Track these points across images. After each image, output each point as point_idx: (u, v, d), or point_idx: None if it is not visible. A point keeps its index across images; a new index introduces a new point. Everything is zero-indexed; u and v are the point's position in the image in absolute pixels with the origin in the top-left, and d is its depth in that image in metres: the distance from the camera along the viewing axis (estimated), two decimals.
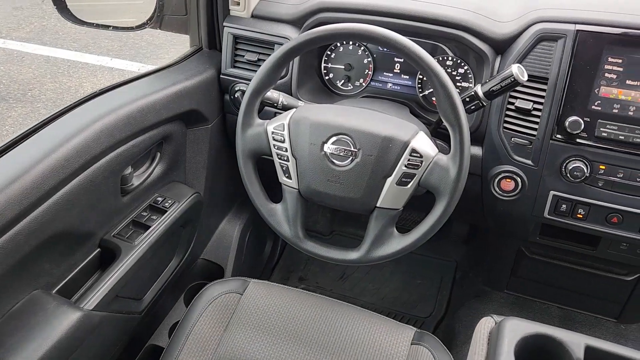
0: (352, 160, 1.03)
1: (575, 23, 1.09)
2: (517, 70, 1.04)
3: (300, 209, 1.12)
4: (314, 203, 1.11)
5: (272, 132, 1.09)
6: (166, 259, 1.39)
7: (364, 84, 1.39)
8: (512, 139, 1.19)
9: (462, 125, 0.97)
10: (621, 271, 1.41)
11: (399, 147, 1.01)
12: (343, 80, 1.40)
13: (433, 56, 1.27)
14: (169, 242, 1.33)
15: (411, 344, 1.15)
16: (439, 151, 1.04)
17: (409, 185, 1.03)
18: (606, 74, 1.08)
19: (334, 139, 1.04)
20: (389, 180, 1.03)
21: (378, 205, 1.05)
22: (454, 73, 1.29)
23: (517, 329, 0.95)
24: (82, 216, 1.06)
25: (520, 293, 1.62)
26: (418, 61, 0.97)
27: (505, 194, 1.23)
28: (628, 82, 1.07)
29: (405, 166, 1.01)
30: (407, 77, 1.35)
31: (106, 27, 1.42)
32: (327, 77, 1.41)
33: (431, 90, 1.31)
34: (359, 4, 1.24)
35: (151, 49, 4.42)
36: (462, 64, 1.28)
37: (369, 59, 1.36)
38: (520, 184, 1.20)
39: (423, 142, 1.03)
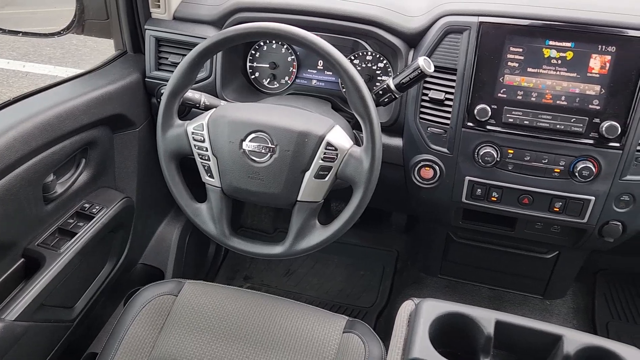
0: (270, 156, 1.06)
1: (478, 15, 1.14)
2: (424, 63, 1.08)
3: (224, 207, 1.13)
4: (238, 200, 1.13)
5: (192, 133, 1.10)
6: (98, 265, 1.38)
7: (289, 81, 1.41)
8: (429, 129, 1.24)
9: (371, 118, 1.01)
10: (541, 250, 1.49)
11: (315, 141, 1.04)
12: (269, 79, 1.43)
13: (354, 52, 1.32)
14: (99, 248, 1.32)
15: (343, 332, 1.19)
16: (355, 143, 1.07)
17: (326, 178, 1.06)
18: (509, 63, 1.14)
19: (251, 136, 1.06)
20: (308, 174, 1.06)
21: (299, 199, 1.08)
22: (374, 67, 1.33)
23: (432, 309, 1.00)
24: (1, 226, 1.05)
25: (453, 277, 1.68)
26: (326, 57, 1.00)
27: (426, 182, 1.28)
28: (529, 69, 1.14)
29: (322, 159, 1.05)
30: (330, 73, 1.39)
31: (29, 34, 1.41)
32: (253, 76, 1.43)
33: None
34: (275, 3, 1.27)
35: (95, 54, 4.33)
36: (382, 59, 1.32)
37: (293, 57, 1.39)
38: (438, 171, 1.25)
39: (338, 136, 1.06)
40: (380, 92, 1.15)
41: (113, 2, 1.39)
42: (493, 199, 1.25)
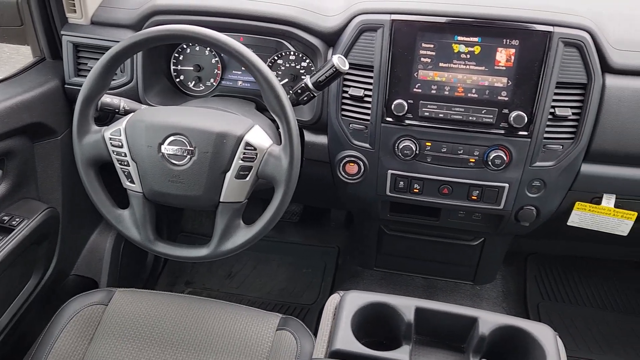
0: (190, 159, 1.06)
1: (391, 13, 1.18)
2: (338, 61, 1.11)
3: (147, 212, 1.13)
4: (161, 204, 1.12)
5: (110, 138, 1.09)
6: (21, 279, 1.34)
7: (214, 83, 1.41)
8: (351, 125, 1.27)
9: (288, 116, 1.02)
10: (467, 237, 1.55)
11: (233, 141, 1.05)
12: (194, 81, 1.42)
13: (277, 52, 1.33)
14: (22, 260, 1.28)
15: (276, 330, 1.20)
16: (274, 142, 1.09)
17: (247, 178, 1.07)
18: (421, 59, 1.18)
19: (170, 139, 1.06)
20: (228, 174, 1.06)
21: (221, 200, 1.08)
22: (298, 67, 1.35)
23: (354, 301, 1.03)
24: None
25: (388, 269, 1.72)
26: (239, 57, 1.01)
27: (351, 177, 1.31)
28: (440, 64, 1.18)
29: (242, 160, 1.05)
30: None
31: None
32: (177, 79, 1.42)
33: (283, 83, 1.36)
34: (193, 5, 1.26)
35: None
36: (304, 58, 1.34)
37: (217, 59, 1.39)
38: (362, 166, 1.29)
39: (257, 135, 1.07)
40: (299, 91, 1.17)
41: (26, 7, 1.35)
42: (415, 190, 1.29)
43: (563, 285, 1.99)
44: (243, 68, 1.37)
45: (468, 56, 1.17)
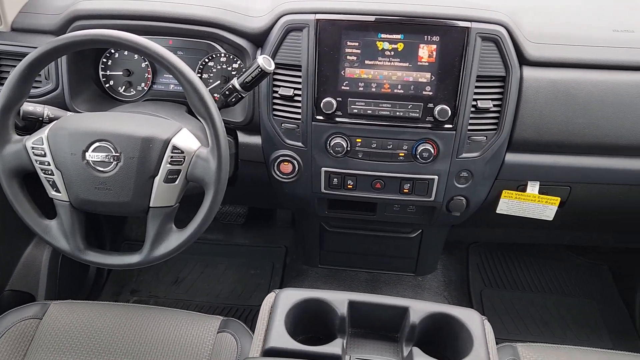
0: (116, 165, 1.04)
1: (315, 13, 1.20)
2: (263, 61, 1.12)
3: (75, 221, 1.10)
4: (89, 213, 1.10)
5: (32, 148, 1.06)
6: None
7: (145, 87, 1.39)
8: (283, 125, 1.28)
9: (213, 117, 1.02)
10: (406, 230, 1.58)
11: (160, 145, 1.04)
12: (124, 86, 1.40)
13: (208, 54, 1.33)
14: None
15: (217, 333, 1.20)
16: (203, 145, 1.08)
17: (177, 182, 1.06)
18: (347, 57, 1.21)
19: (94, 146, 1.04)
20: (157, 179, 1.05)
21: (151, 205, 1.07)
22: (229, 68, 1.35)
23: (288, 298, 1.04)
24: None
25: (332, 265, 1.75)
26: (161, 60, 1.00)
27: (286, 176, 1.32)
28: (366, 62, 1.21)
29: (170, 163, 1.05)
30: None
31: None
32: (107, 85, 1.40)
33: (209, 88, 1.35)
34: (115, 9, 1.25)
35: None
36: (235, 60, 1.34)
37: (147, 63, 1.37)
38: (296, 165, 1.30)
39: (184, 138, 1.07)
40: (227, 92, 1.17)
41: None
42: (349, 186, 1.31)
43: (504, 272, 2.06)
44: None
45: (392, 53, 1.20)
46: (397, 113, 1.22)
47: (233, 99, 1.18)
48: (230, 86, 1.16)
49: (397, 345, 1.03)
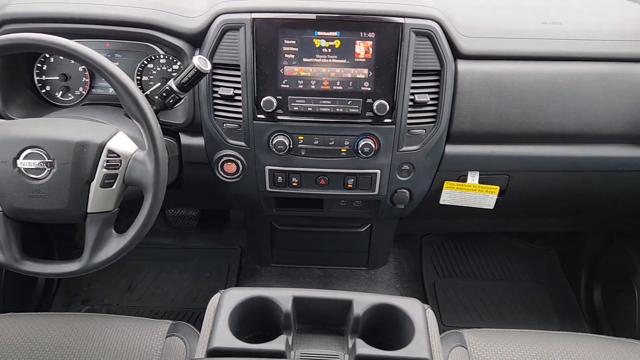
0: (49, 172, 1.02)
1: (251, 12, 1.20)
2: (198, 62, 1.11)
3: (10, 231, 1.07)
4: (24, 221, 1.07)
5: None
6: None
7: (83, 92, 1.37)
8: (225, 125, 1.27)
9: (148, 119, 1.01)
10: (355, 225, 1.60)
11: (95, 150, 1.02)
12: (62, 91, 1.36)
13: (147, 56, 1.31)
14: None
15: (166, 337, 1.18)
16: (141, 148, 1.07)
17: (114, 186, 1.04)
18: (286, 55, 1.21)
19: (25, 153, 1.01)
20: (93, 184, 1.03)
21: (89, 211, 1.05)
22: (169, 70, 1.34)
23: (232, 298, 1.04)
24: None
25: (285, 263, 1.75)
26: (91, 63, 0.99)
27: (231, 176, 1.31)
28: (304, 60, 1.21)
29: (105, 168, 1.03)
30: None
31: None
32: (43, 90, 1.36)
33: (150, 90, 1.34)
34: (46, 12, 1.21)
35: None
36: (175, 61, 1.33)
37: (84, 67, 1.34)
38: (240, 165, 1.30)
39: (120, 142, 1.05)
40: (164, 94, 1.16)
41: None
42: (294, 184, 1.32)
43: (456, 261, 2.12)
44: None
45: (329, 50, 1.21)
46: (337, 109, 1.24)
47: (171, 101, 1.17)
48: (167, 88, 1.15)
49: (343, 338, 1.04)
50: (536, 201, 1.47)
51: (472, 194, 1.37)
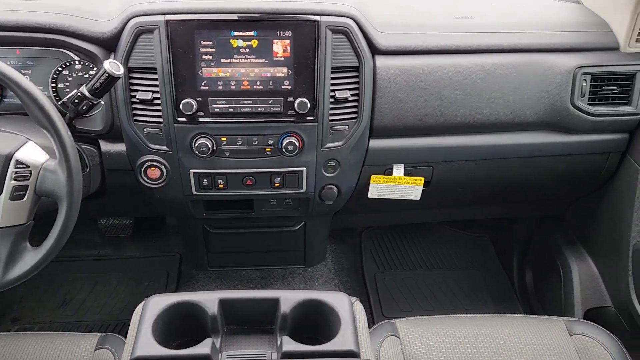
0: None
1: (165, 14, 1.18)
2: (110, 66, 1.09)
3: None
4: None
5: None
6: None
7: None
8: (145, 129, 1.25)
9: (56, 127, 0.98)
10: (289, 223, 1.60)
11: (1, 161, 0.98)
12: None
13: (62, 62, 1.26)
14: None
15: (94, 350, 1.15)
16: (51, 157, 1.03)
17: (25, 198, 1.01)
18: (203, 56, 1.20)
19: None
20: (1, 197, 0.99)
21: None
22: (87, 76, 1.29)
23: (157, 305, 1.02)
24: None
25: (222, 267, 1.74)
26: None
27: (155, 182, 1.29)
28: (222, 60, 1.21)
29: (14, 179, 0.99)
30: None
31: None
32: None
33: (66, 97, 1.29)
34: None
35: None
36: (91, 66, 1.29)
37: None
38: (164, 169, 1.28)
39: (29, 152, 1.01)
40: (76, 101, 1.13)
41: None
42: (220, 186, 1.31)
43: (396, 254, 2.16)
44: None
45: (247, 50, 1.21)
46: (259, 109, 1.24)
47: (84, 107, 1.13)
48: (79, 94, 1.12)
49: (272, 337, 1.05)
50: (461, 190, 1.52)
51: (399, 186, 1.40)
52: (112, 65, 1.09)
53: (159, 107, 1.23)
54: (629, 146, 1.44)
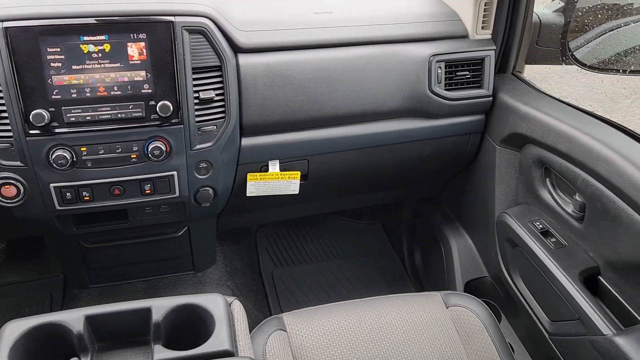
0: None
1: (2, 21, 1.10)
2: None
3: None
4: None
5: None
6: None
7: None
8: None
9: None
10: (171, 230, 1.57)
11: None
12: None
13: None
14: None
15: None
16: None
17: None
18: (51, 64, 1.13)
19: None
20: None
21: None
22: None
23: (13, 330, 0.95)
24: None
25: (106, 282, 1.66)
26: None
27: (12, 201, 1.21)
28: (74, 67, 1.15)
29: None
30: None
31: None
32: None
33: None
34: None
35: None
36: None
37: None
38: (21, 187, 1.20)
39: None
40: None
41: None
42: (86, 198, 1.25)
43: (292, 249, 2.18)
44: None
45: (100, 55, 1.16)
46: (120, 115, 1.19)
47: None
48: None
49: (147, 348, 1.02)
50: (338, 180, 1.56)
51: (276, 182, 1.42)
52: None
53: (7, 121, 1.15)
54: (486, 126, 1.56)
